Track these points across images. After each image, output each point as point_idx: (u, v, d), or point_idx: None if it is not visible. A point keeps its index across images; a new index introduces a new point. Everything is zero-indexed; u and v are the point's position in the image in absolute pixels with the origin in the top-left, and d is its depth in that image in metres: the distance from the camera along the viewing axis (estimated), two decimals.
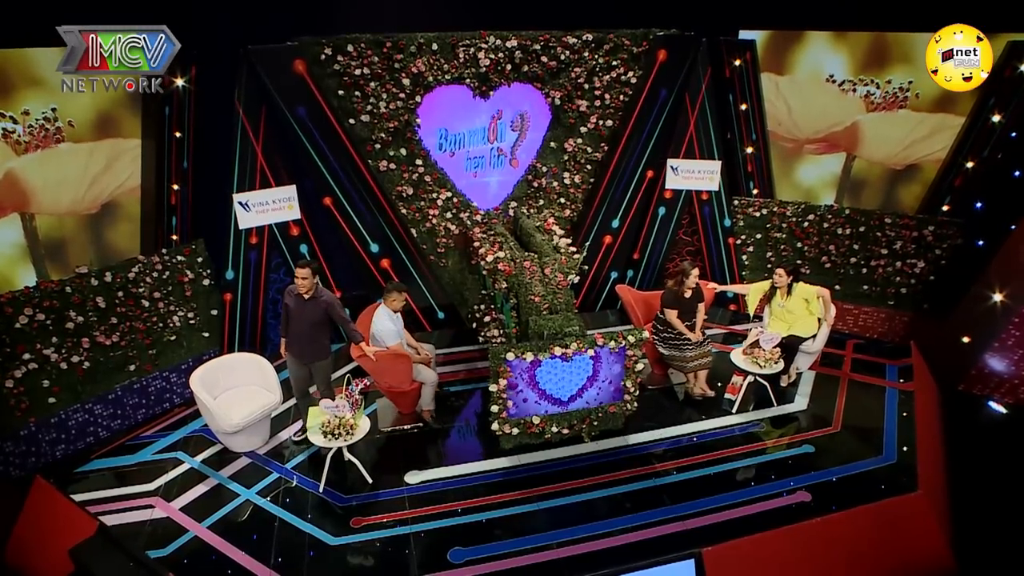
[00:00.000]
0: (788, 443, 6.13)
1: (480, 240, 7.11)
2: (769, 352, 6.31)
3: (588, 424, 6.10)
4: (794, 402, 6.75)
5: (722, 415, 6.57)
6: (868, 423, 6.43)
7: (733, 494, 5.50)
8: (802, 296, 6.66)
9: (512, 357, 5.61)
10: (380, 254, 7.80)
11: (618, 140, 8.12)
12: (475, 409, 6.72)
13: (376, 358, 5.95)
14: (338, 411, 5.38)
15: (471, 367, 7.47)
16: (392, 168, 7.62)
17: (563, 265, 6.31)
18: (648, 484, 5.63)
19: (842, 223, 8.31)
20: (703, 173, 8.32)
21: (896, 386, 7.08)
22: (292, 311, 5.77)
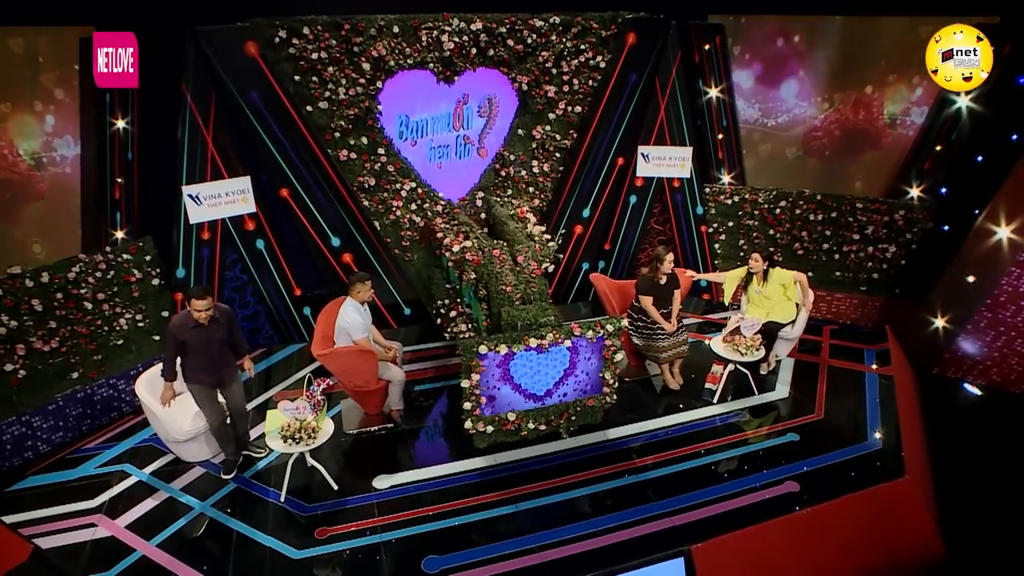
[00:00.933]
0: (772, 432, 5.86)
1: (444, 231, 6.69)
2: (750, 339, 6.04)
3: (566, 419, 5.74)
4: (775, 390, 6.50)
5: (703, 405, 6.27)
6: (850, 409, 6.21)
7: (720, 487, 5.19)
8: (779, 281, 6.41)
9: (485, 350, 5.22)
10: (342, 248, 7.32)
11: (587, 127, 7.79)
12: (446, 408, 6.30)
13: (337, 355, 5.50)
14: (298, 413, 4.92)
15: (440, 364, 7.05)
16: (353, 158, 7.16)
17: (537, 253, 5.94)
18: (631, 480, 5.29)
19: (814, 209, 8.12)
20: (674, 160, 8.04)
21: (875, 371, 6.89)
22: (192, 344, 5.02)
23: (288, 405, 4.91)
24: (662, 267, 6.20)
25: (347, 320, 5.60)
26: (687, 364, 6.63)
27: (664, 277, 6.26)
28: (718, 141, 8.39)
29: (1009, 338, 6.95)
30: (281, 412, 4.93)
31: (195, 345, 5.05)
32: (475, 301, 6.28)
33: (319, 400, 5.04)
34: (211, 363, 5.14)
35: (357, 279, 5.67)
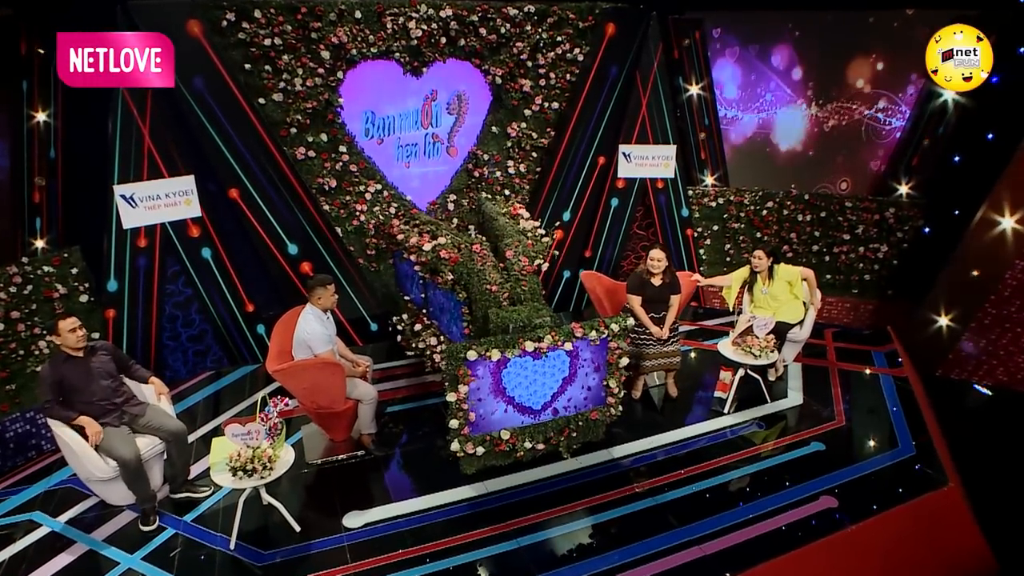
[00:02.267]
0: (794, 442, 5.11)
1: (403, 232, 5.81)
2: (764, 339, 5.31)
3: (567, 436, 4.88)
4: (787, 397, 5.77)
5: (713, 416, 5.49)
6: (872, 414, 5.54)
7: (748, 507, 4.40)
8: (785, 279, 5.73)
9: (474, 356, 4.35)
10: (300, 256, 6.37)
11: (566, 124, 7.09)
12: (424, 430, 5.37)
13: (297, 370, 4.54)
14: (250, 439, 3.93)
15: (414, 383, 6.12)
16: (311, 156, 6.27)
17: (528, 249, 5.13)
18: (647, 504, 4.45)
19: (802, 209, 7.56)
20: (657, 159, 7.39)
21: (888, 372, 6.25)
22: (72, 382, 4.15)
23: (238, 430, 3.92)
24: (651, 265, 5.44)
25: (308, 331, 4.66)
26: (685, 374, 5.88)
27: (659, 278, 5.49)
28: (700, 141, 7.81)
29: (1015, 335, 6.43)
30: (229, 439, 3.94)
31: (76, 383, 4.12)
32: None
33: (276, 423, 4.07)
34: (104, 401, 4.22)
35: (317, 282, 4.76)
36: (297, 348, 4.74)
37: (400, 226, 6.00)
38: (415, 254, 5.41)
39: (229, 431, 3.92)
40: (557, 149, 7.14)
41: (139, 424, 4.36)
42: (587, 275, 6.33)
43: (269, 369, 4.71)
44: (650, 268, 5.45)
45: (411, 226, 5.93)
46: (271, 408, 4.10)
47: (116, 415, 4.28)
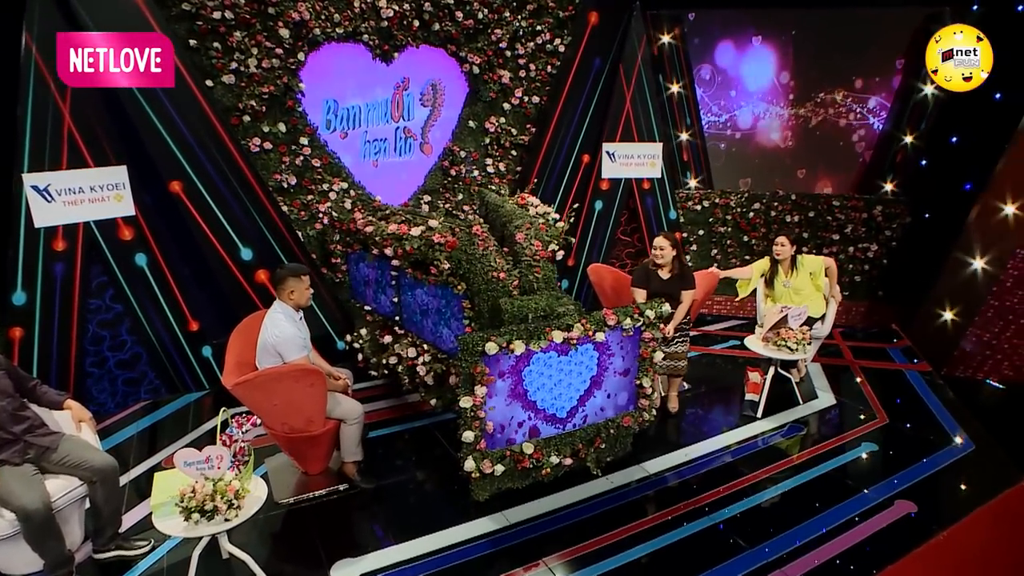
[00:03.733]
0: (843, 444, 4.41)
1: (373, 224, 4.89)
2: (799, 331, 4.64)
3: (597, 448, 4.01)
4: (818, 398, 5.11)
5: (745, 422, 4.75)
6: (914, 410, 4.95)
7: (819, 519, 3.61)
8: (807, 270, 5.14)
9: (493, 349, 3.45)
10: (254, 263, 5.32)
11: (548, 120, 6.41)
12: (416, 455, 4.37)
13: (266, 381, 3.50)
14: (210, 469, 2.87)
15: (397, 403, 5.12)
16: (267, 148, 5.33)
17: (542, 232, 4.31)
18: (702, 525, 3.60)
19: (789, 210, 7.10)
20: (643, 158, 6.78)
21: (911, 368, 5.74)
22: None
23: (192, 457, 2.85)
24: (657, 255, 4.73)
25: (278, 333, 3.64)
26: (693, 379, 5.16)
27: (667, 270, 4.77)
28: (683, 143, 7.28)
29: (1019, 327, 6.01)
30: (181, 469, 2.86)
31: None
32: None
33: (243, 447, 3.03)
34: (2, 426, 3.09)
35: (289, 272, 3.78)
36: (263, 356, 3.70)
37: (368, 218, 5.05)
38: (392, 246, 4.48)
39: (181, 459, 2.85)
40: (539, 146, 6.43)
41: (50, 461, 3.21)
42: (594, 268, 5.55)
43: (227, 384, 3.63)
44: (655, 258, 4.75)
45: (379, 218, 5.01)
46: (235, 429, 3.06)
47: (15, 449, 3.12)
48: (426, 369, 4.52)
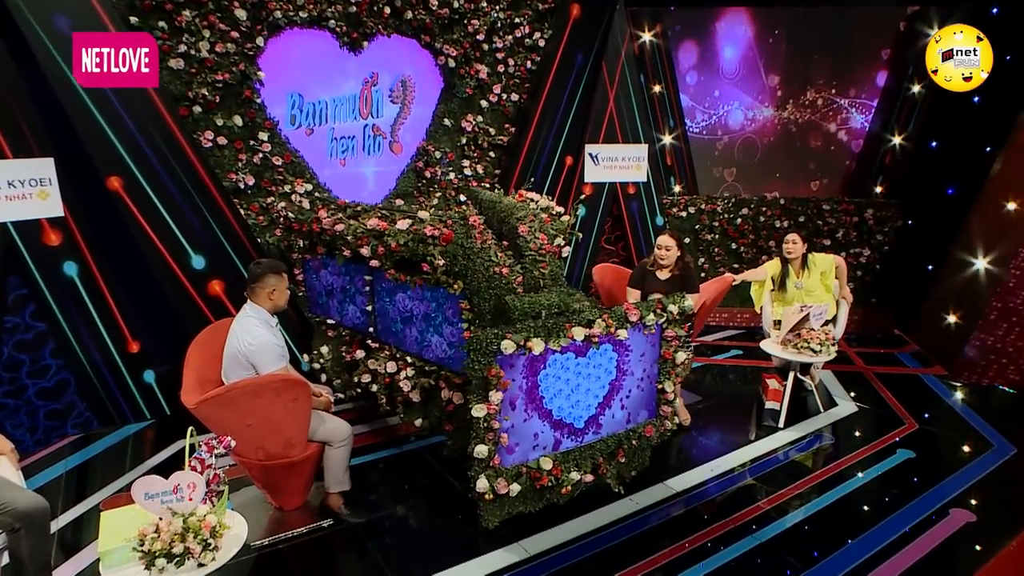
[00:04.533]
0: (877, 452, 4.21)
1: (343, 222, 4.41)
2: (822, 331, 4.45)
3: (620, 461, 3.66)
4: (838, 405, 4.94)
5: (768, 432, 4.50)
6: (942, 414, 4.87)
7: (873, 534, 3.35)
8: (819, 269, 5.01)
9: (510, 348, 3.08)
10: (207, 273, 4.80)
11: (528, 119, 6.16)
12: (410, 482, 3.92)
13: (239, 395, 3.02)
14: (179, 502, 2.38)
15: (378, 427, 4.65)
16: (222, 144, 4.88)
17: (547, 225, 4.01)
18: (749, 545, 3.27)
19: (778, 215, 7.04)
20: (628, 160, 6.60)
21: (928, 372, 5.71)
22: None
23: (155, 486, 2.36)
24: (657, 254, 4.53)
25: (251, 340, 3.18)
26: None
27: (667, 271, 4.55)
28: (666, 147, 7.16)
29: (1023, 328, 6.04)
30: (141, 504, 2.35)
31: None
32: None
33: (218, 474, 2.56)
34: None
35: (267, 269, 3.33)
36: (232, 369, 3.22)
37: (336, 216, 4.58)
38: (369, 245, 4.06)
39: (140, 490, 2.35)
40: (519, 147, 6.17)
41: None
42: (600, 268, 5.28)
43: (189, 403, 3.13)
44: (658, 258, 4.54)
45: (348, 216, 4.57)
46: (205, 452, 2.58)
47: None
48: (410, 384, 4.10)
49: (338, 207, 4.83)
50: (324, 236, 4.53)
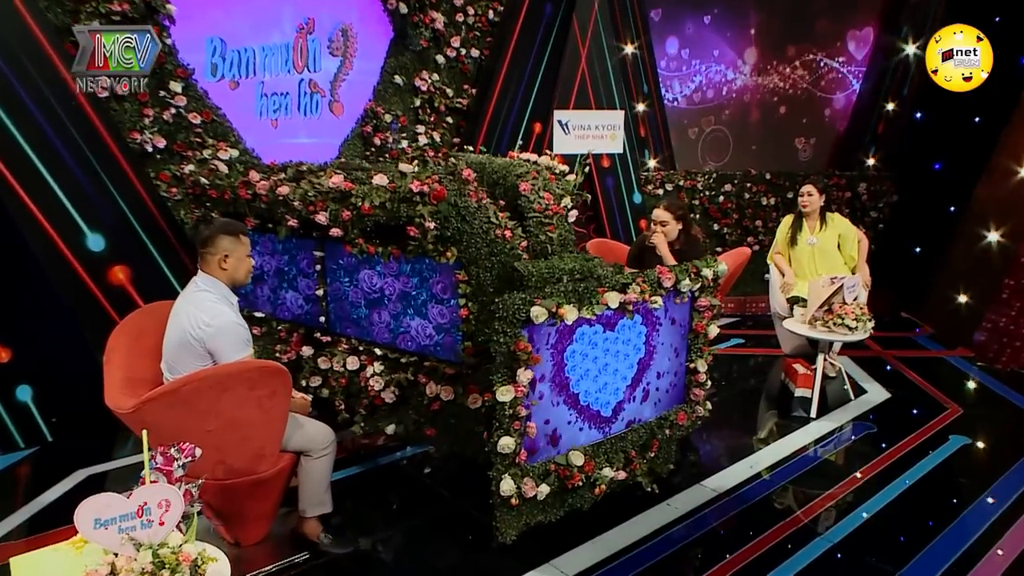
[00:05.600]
0: (929, 440, 4.21)
1: (287, 184, 3.97)
2: (857, 306, 4.42)
3: (651, 456, 3.49)
4: (867, 392, 4.96)
5: (801, 423, 4.44)
6: (983, 397, 5.01)
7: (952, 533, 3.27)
8: (837, 230, 5.05)
9: (541, 316, 2.82)
10: (107, 256, 4.26)
11: (491, 80, 5.94)
12: (399, 500, 3.56)
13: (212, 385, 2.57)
14: (145, 528, 1.93)
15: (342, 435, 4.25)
16: (123, 96, 4.36)
17: (551, 183, 3.77)
18: (820, 549, 3.12)
19: (764, 191, 7.10)
20: (602, 129, 6.48)
21: (954, 354, 5.90)
22: None
23: (110, 509, 1.89)
24: (655, 231, 4.43)
25: (210, 321, 2.73)
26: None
27: (665, 246, 4.43)
28: (639, 115, 7.08)
29: None
30: (89, 536, 1.89)
31: None
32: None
33: (190, 491, 2.15)
34: None
35: (221, 229, 2.90)
36: (179, 360, 2.77)
37: (278, 177, 4.10)
38: (329, 210, 3.66)
39: (88, 516, 1.88)
40: (482, 112, 5.92)
41: None
42: (596, 244, 5.12)
43: (121, 406, 2.65)
44: (662, 231, 4.43)
45: (290, 177, 4.10)
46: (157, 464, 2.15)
47: None
48: (382, 382, 3.75)
49: (270, 168, 4.38)
50: (257, 204, 4.06)
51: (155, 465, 2.09)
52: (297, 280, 4.12)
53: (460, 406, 3.51)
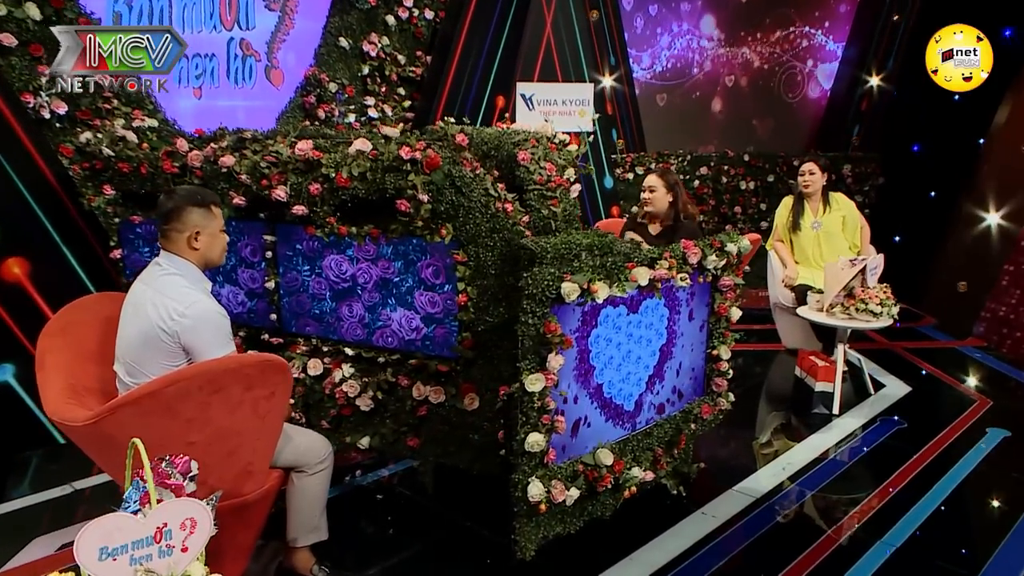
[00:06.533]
0: (966, 434, 4.34)
1: (230, 153, 3.69)
2: (881, 289, 4.47)
3: (676, 454, 3.45)
4: (885, 386, 5.07)
5: (824, 421, 4.47)
6: (1011, 387, 5.21)
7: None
8: (841, 212, 5.15)
9: (573, 293, 2.71)
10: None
11: (449, 46, 5.79)
12: (396, 523, 3.39)
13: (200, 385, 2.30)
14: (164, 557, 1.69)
15: None
16: (9, 47, 4.03)
17: (552, 153, 3.68)
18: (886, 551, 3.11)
19: (742, 174, 7.21)
20: (571, 104, 6.42)
21: (966, 344, 6.16)
22: None
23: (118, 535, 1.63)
24: (644, 199, 4.43)
25: (188, 309, 2.46)
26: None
27: (658, 223, 4.48)
28: (606, 90, 7.06)
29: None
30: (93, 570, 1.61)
31: None
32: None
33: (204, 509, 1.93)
34: None
35: (184, 200, 2.60)
36: (144, 360, 2.47)
37: (218, 146, 3.78)
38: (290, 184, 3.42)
39: (91, 545, 1.61)
40: (438, 83, 5.76)
41: None
42: (604, 225, 5.10)
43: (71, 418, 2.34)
44: (644, 204, 4.44)
45: (229, 146, 3.81)
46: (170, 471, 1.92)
47: None
48: (357, 388, 3.54)
49: (200, 138, 4.07)
50: (188, 179, 3.76)
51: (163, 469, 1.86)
52: (237, 272, 3.84)
53: (452, 409, 3.35)
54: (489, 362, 3.27)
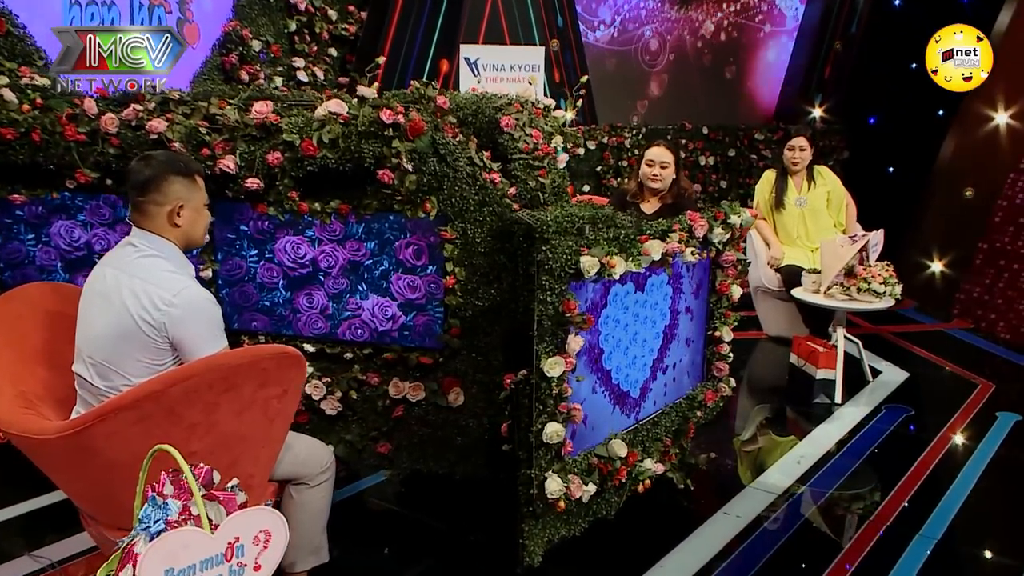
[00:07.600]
0: (975, 420, 4.66)
1: (156, 117, 3.51)
2: (883, 267, 4.71)
3: (684, 444, 3.62)
4: (883, 372, 5.37)
5: (827, 411, 4.71)
6: (1009, 371, 5.63)
7: None
8: (827, 187, 5.39)
9: (592, 268, 2.80)
10: None
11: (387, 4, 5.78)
12: (390, 540, 3.43)
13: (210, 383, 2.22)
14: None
15: None
16: None
17: (539, 119, 3.76)
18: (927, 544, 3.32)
19: (701, 148, 7.45)
20: (519, 70, 6.49)
21: (953, 326, 6.64)
22: None
23: (185, 554, 1.61)
24: (644, 174, 4.51)
25: (175, 296, 2.37)
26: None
27: (654, 201, 4.57)
28: (552, 55, 7.14)
29: (1012, 274, 6.85)
30: None
31: None
32: None
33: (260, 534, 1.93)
34: None
35: (163, 168, 2.47)
36: (119, 358, 2.35)
37: (143, 109, 3.58)
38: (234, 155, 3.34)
39: (156, 563, 1.58)
40: (375, 43, 5.74)
41: None
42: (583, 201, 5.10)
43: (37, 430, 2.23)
44: (648, 180, 4.49)
45: (155, 109, 3.62)
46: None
47: None
48: (323, 389, 3.53)
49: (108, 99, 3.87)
50: (99, 148, 3.57)
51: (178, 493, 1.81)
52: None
53: (432, 407, 3.40)
54: (477, 352, 3.31)
